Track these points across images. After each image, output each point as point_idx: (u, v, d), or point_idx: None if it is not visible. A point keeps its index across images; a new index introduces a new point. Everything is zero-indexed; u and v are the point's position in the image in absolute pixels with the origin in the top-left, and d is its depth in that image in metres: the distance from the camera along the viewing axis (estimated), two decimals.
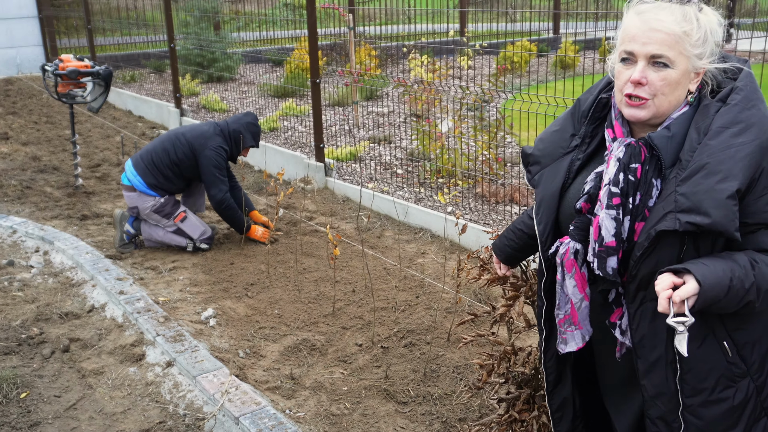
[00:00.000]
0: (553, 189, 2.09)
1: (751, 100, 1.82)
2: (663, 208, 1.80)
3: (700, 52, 1.85)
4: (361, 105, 9.73)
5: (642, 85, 1.85)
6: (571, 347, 2.12)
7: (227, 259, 5.11)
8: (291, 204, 6.21)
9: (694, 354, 1.87)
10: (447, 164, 6.42)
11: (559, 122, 2.15)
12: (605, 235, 1.90)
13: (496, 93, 6.77)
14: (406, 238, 5.41)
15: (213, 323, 4.17)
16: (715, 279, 1.73)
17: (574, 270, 2.03)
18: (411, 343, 3.91)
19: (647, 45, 1.83)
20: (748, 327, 1.89)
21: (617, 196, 1.88)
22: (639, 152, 1.88)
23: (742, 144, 1.75)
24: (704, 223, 1.71)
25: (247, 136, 5.35)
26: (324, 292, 4.55)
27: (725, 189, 1.71)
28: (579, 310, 2.06)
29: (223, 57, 11.99)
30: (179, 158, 5.11)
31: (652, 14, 1.84)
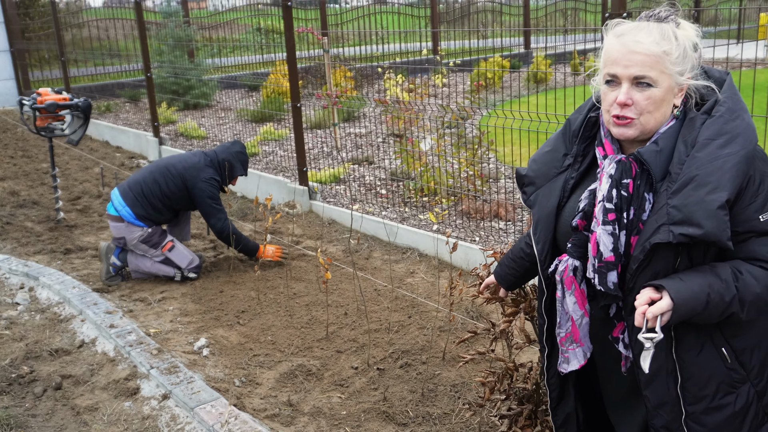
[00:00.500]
0: (550, 208, 2.12)
1: (735, 111, 1.87)
2: (656, 221, 1.83)
3: (681, 69, 1.90)
4: (340, 127, 9.76)
5: (628, 106, 1.90)
6: (573, 366, 2.14)
7: (216, 287, 5.08)
8: (277, 229, 6.20)
9: (694, 361, 1.91)
10: (430, 182, 6.46)
11: (550, 143, 2.19)
12: (604, 250, 1.93)
13: (474, 110, 6.83)
14: (395, 259, 5.42)
15: (206, 353, 4.14)
16: (689, 295, 1.79)
17: (574, 287, 2.05)
18: (407, 363, 3.91)
19: (629, 67, 1.87)
20: (746, 333, 1.93)
21: (612, 211, 1.91)
22: (630, 168, 1.92)
23: (729, 155, 1.80)
24: (697, 234, 1.75)
25: (237, 165, 5.38)
26: (316, 317, 4.54)
27: (715, 200, 1.76)
28: (580, 326, 2.09)
29: (199, 84, 11.99)
30: (171, 190, 5.10)
31: (631, 36, 1.89)
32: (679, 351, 1.92)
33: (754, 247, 1.85)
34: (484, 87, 9.83)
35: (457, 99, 10.74)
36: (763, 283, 1.83)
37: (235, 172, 5.37)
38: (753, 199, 1.83)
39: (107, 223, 6.58)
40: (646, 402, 1.98)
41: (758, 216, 1.82)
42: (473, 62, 13.57)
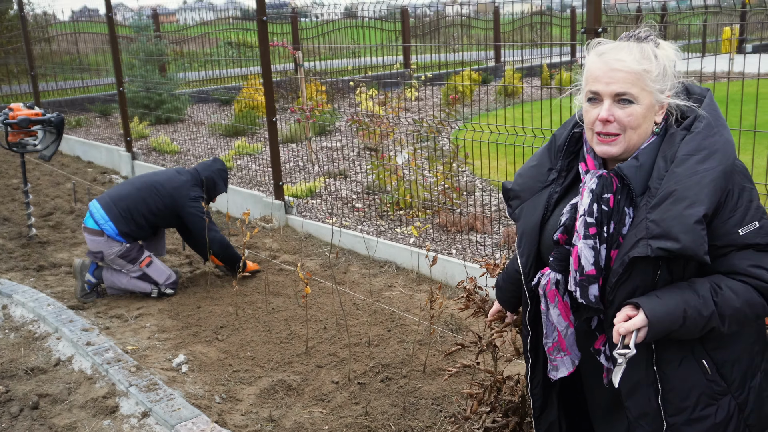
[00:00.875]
0: (534, 222, 2.16)
1: (713, 128, 1.92)
2: (635, 235, 1.88)
3: (661, 87, 1.96)
4: (314, 140, 9.77)
5: (610, 123, 1.94)
6: (563, 373, 2.17)
7: (194, 303, 5.05)
8: (253, 243, 6.19)
9: (674, 373, 1.95)
10: (405, 196, 6.50)
11: (536, 157, 2.23)
12: (585, 264, 1.96)
13: (448, 123, 6.89)
14: (373, 272, 5.44)
15: (185, 369, 4.11)
16: (664, 312, 1.83)
17: (557, 299, 2.09)
18: (387, 377, 3.92)
19: (611, 84, 1.92)
20: (727, 346, 1.97)
21: (593, 225, 1.95)
22: (611, 183, 1.97)
23: (707, 170, 1.84)
24: (674, 248, 1.80)
25: (220, 183, 5.44)
26: (295, 331, 4.54)
27: (693, 214, 1.80)
28: (566, 337, 2.13)
29: (171, 98, 11.94)
30: (158, 208, 5.10)
31: (612, 55, 1.94)
32: (660, 363, 1.96)
33: (734, 261, 1.89)
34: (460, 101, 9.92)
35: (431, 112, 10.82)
36: (742, 297, 1.87)
37: (218, 190, 5.42)
38: (732, 213, 1.87)
39: (80, 239, 6.51)
40: (628, 413, 2.02)
41: (737, 230, 1.87)
42: (445, 76, 13.69)
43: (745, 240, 1.88)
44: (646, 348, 1.95)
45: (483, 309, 2.87)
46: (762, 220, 1.90)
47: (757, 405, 2.00)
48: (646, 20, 2.09)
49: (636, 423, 2.00)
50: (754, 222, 1.88)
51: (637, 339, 1.86)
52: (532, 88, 9.82)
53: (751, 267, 1.88)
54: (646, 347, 1.95)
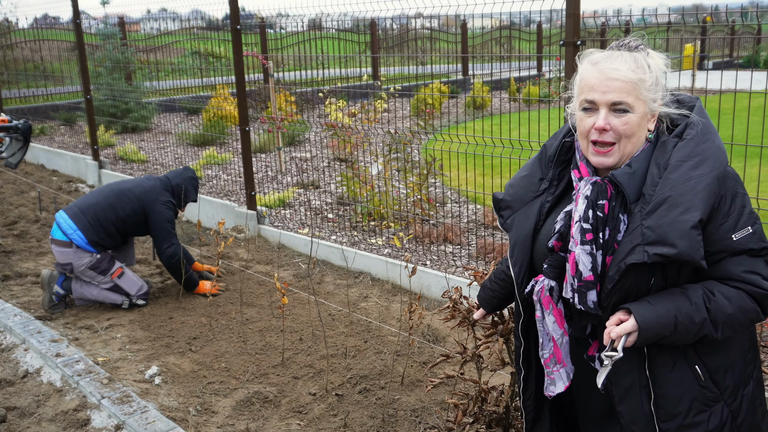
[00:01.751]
0: (526, 231, 2.16)
1: (705, 134, 1.94)
2: (631, 242, 1.88)
3: (654, 95, 1.98)
4: (284, 151, 9.72)
5: (606, 131, 1.95)
6: (559, 388, 2.16)
7: (165, 314, 4.96)
8: (225, 254, 6.10)
9: (667, 378, 1.95)
10: (378, 207, 6.48)
11: (527, 168, 2.23)
12: (583, 270, 1.96)
13: (420, 135, 6.90)
14: (347, 283, 5.40)
15: (158, 381, 4.02)
16: (655, 318, 1.85)
17: (552, 307, 2.09)
18: (365, 389, 3.89)
19: (607, 93, 1.94)
20: (720, 352, 1.98)
21: (589, 231, 1.95)
22: (605, 189, 1.98)
23: (701, 176, 1.86)
24: (671, 253, 1.80)
25: (191, 190, 5.35)
26: (270, 342, 4.48)
27: (688, 220, 1.81)
28: (561, 346, 2.12)
29: (138, 107, 11.78)
30: (127, 214, 4.98)
31: (607, 64, 1.96)
32: (652, 367, 1.96)
33: (728, 267, 1.90)
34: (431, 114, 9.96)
35: (399, 123, 10.84)
36: (735, 303, 1.88)
37: (188, 197, 5.33)
38: (725, 219, 1.89)
39: (46, 248, 6.36)
40: (620, 418, 2.01)
41: (731, 235, 1.89)
42: (413, 88, 13.74)
43: (739, 245, 1.89)
44: (639, 352, 1.96)
45: (468, 319, 2.85)
46: (755, 225, 1.91)
47: (749, 413, 2.00)
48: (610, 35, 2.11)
49: (628, 428, 2.00)
50: (747, 227, 1.90)
51: (627, 343, 1.87)
52: (500, 101, 9.90)
53: (745, 273, 1.89)
54: (639, 351, 1.96)
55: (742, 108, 4.36)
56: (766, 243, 1.92)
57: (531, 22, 20.31)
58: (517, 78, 15.72)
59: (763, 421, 2.08)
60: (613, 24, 9.54)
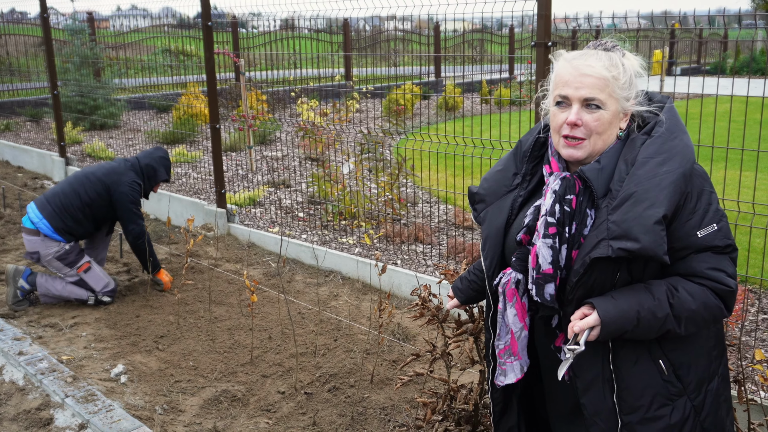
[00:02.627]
0: (498, 225, 2.17)
1: (673, 132, 1.96)
2: (596, 236, 1.90)
3: (627, 94, 2.00)
4: (255, 149, 9.66)
5: (577, 126, 1.97)
6: (510, 379, 2.18)
7: (132, 312, 4.89)
8: (194, 252, 6.04)
9: (630, 371, 1.97)
10: (349, 206, 6.46)
11: (502, 162, 2.25)
12: (542, 262, 1.98)
13: (392, 134, 6.90)
14: (318, 282, 5.37)
15: (124, 380, 3.96)
16: (617, 313, 1.87)
17: (515, 299, 2.10)
18: (335, 387, 3.86)
19: (580, 89, 1.96)
20: (685, 348, 1.99)
21: (553, 225, 1.97)
22: (573, 184, 2.00)
23: (667, 172, 1.88)
24: (634, 248, 1.82)
25: (161, 170, 5.24)
26: (239, 341, 4.43)
27: (652, 215, 1.83)
28: (519, 339, 2.13)
29: (106, 104, 11.62)
30: (91, 198, 4.89)
31: (582, 61, 1.98)
32: (616, 360, 1.98)
33: (693, 264, 1.92)
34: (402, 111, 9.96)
35: (371, 124, 10.83)
36: (699, 299, 1.90)
37: (158, 177, 5.22)
38: (690, 216, 1.91)
39: (10, 245, 6.24)
40: (584, 410, 2.02)
41: (696, 232, 1.90)
42: (385, 89, 13.74)
43: (704, 242, 1.91)
44: (603, 345, 1.97)
45: (437, 317, 2.85)
46: (720, 222, 1.93)
47: (713, 409, 2.02)
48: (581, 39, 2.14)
49: (591, 420, 2.01)
50: (712, 224, 1.91)
51: (590, 337, 1.90)
52: (472, 103, 9.93)
53: (709, 269, 1.91)
54: (603, 345, 1.97)
55: (708, 113, 4.42)
56: (731, 240, 1.94)
57: (503, 26, 20.45)
58: (489, 80, 15.81)
59: (728, 417, 2.10)
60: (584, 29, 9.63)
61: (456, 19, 5.68)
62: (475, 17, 5.11)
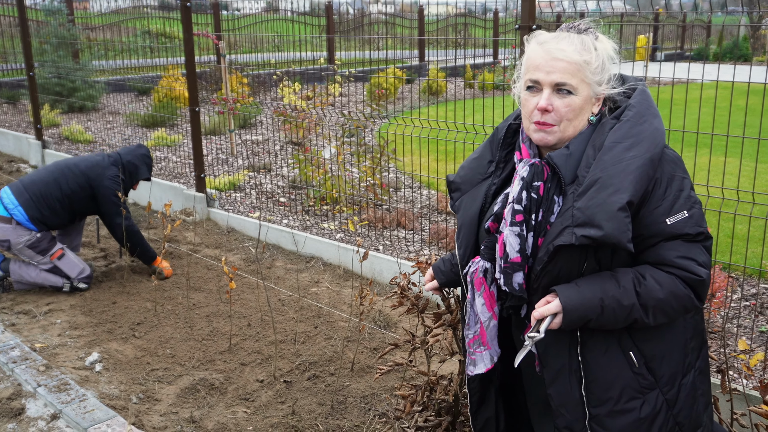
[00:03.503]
0: (472, 213, 2.12)
1: (643, 116, 1.90)
2: (561, 223, 1.85)
3: (600, 78, 1.94)
4: (236, 133, 9.53)
5: (548, 112, 1.91)
6: (480, 369, 2.14)
7: (108, 299, 4.79)
8: (173, 237, 5.94)
9: (598, 363, 1.91)
10: (331, 191, 6.38)
11: (479, 150, 2.21)
12: (510, 251, 1.93)
13: (374, 119, 6.82)
14: (298, 268, 5.30)
15: (99, 368, 3.87)
16: (580, 300, 1.82)
17: (483, 288, 2.06)
18: (314, 375, 3.80)
19: (551, 74, 1.90)
20: (657, 339, 1.93)
21: (520, 213, 1.92)
22: (542, 171, 1.94)
23: (633, 157, 1.82)
24: (597, 235, 1.76)
25: (142, 168, 5.15)
26: (218, 328, 4.36)
27: (616, 201, 1.77)
28: (488, 329, 2.09)
29: (85, 86, 11.42)
30: (72, 190, 4.78)
31: (553, 44, 1.92)
32: (584, 351, 1.93)
33: (662, 252, 1.86)
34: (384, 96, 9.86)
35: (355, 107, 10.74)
36: (667, 288, 1.84)
37: (139, 174, 5.13)
38: (659, 203, 1.84)
39: None
40: (551, 401, 1.98)
41: (665, 219, 1.84)
42: (369, 73, 13.63)
43: (673, 230, 1.84)
44: (571, 335, 1.93)
45: (417, 306, 2.79)
46: (692, 209, 1.86)
47: (688, 403, 1.96)
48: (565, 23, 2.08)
49: (558, 411, 1.97)
50: (683, 211, 1.85)
51: (553, 325, 1.85)
52: (455, 87, 9.86)
53: (678, 258, 1.84)
54: (571, 334, 1.93)
55: (693, 99, 4.38)
56: (702, 228, 1.87)
57: (488, 11, 20.35)
58: (473, 65, 15.72)
59: (706, 411, 2.04)
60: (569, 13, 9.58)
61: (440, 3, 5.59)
62: (459, 1, 5.03)
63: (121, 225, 4.90)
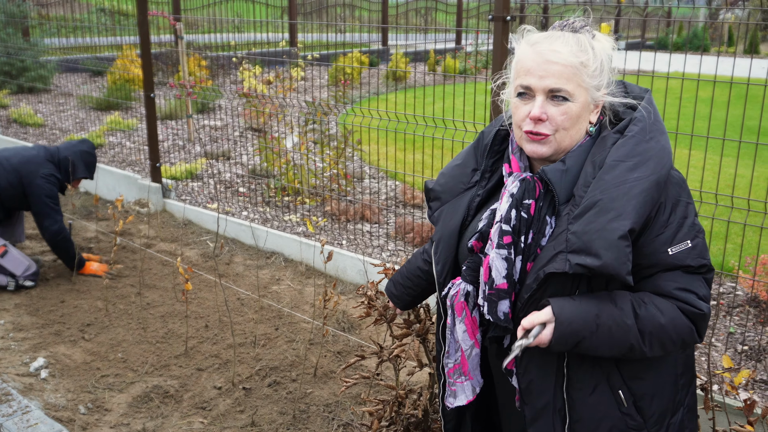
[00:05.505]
0: (453, 227, 1.93)
1: (649, 132, 1.71)
2: (554, 248, 1.67)
3: (598, 82, 1.76)
4: (195, 118, 9.23)
5: (542, 121, 1.72)
6: (461, 401, 1.97)
7: (57, 297, 4.54)
8: (126, 230, 5.67)
9: (585, 402, 1.76)
10: (293, 181, 6.17)
11: (461, 156, 2.00)
12: (496, 276, 1.75)
13: (337, 107, 6.62)
14: (258, 264, 5.09)
15: (45, 375, 3.64)
16: (574, 312, 1.65)
17: (465, 314, 1.88)
18: (275, 381, 3.63)
19: (545, 78, 1.71)
20: (648, 377, 1.78)
21: (509, 234, 1.74)
22: (533, 187, 1.76)
23: (638, 179, 1.64)
24: (594, 265, 1.59)
25: (80, 166, 4.79)
26: (173, 329, 4.14)
27: (617, 228, 1.59)
28: (469, 358, 1.92)
29: (35, 65, 10.96)
30: (2, 187, 4.49)
31: (546, 45, 1.72)
32: (570, 389, 1.76)
33: (660, 283, 1.69)
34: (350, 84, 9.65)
35: (317, 93, 10.50)
36: (668, 315, 1.67)
37: (76, 173, 4.78)
38: (662, 230, 1.68)
39: None
40: None
41: (667, 249, 1.67)
42: (331, 56, 13.38)
43: (674, 260, 1.68)
44: (557, 371, 1.76)
45: (385, 316, 2.63)
46: (696, 239, 1.69)
47: None
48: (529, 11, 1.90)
49: None
50: (686, 241, 1.68)
51: (542, 337, 1.66)
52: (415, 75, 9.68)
53: (677, 290, 1.68)
54: (558, 369, 1.76)
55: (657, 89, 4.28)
56: (705, 260, 1.70)
57: None
58: (437, 50, 15.56)
59: None
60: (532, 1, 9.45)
61: None
62: None
63: (50, 228, 4.59)
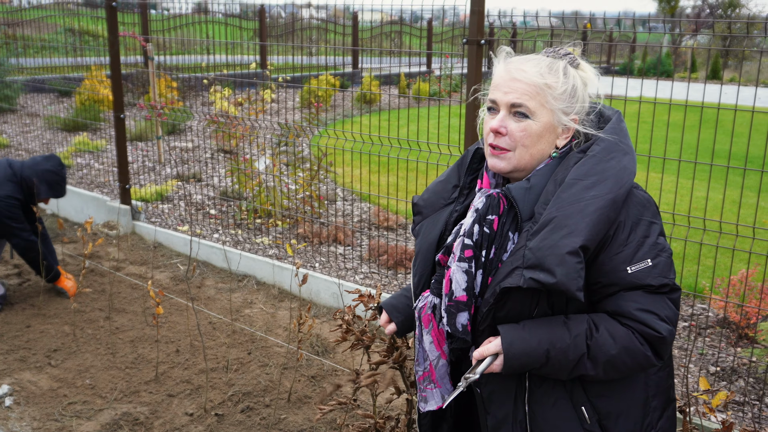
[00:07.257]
0: (430, 241, 1.95)
1: (610, 152, 1.73)
2: (512, 263, 1.69)
3: (566, 106, 1.77)
4: (165, 140, 9.15)
5: (501, 135, 1.76)
6: (431, 406, 1.98)
7: (22, 321, 4.42)
8: (95, 253, 5.57)
9: (545, 415, 1.76)
10: (265, 203, 6.12)
11: (446, 173, 2.04)
12: (456, 289, 1.78)
13: (310, 128, 6.61)
14: (230, 287, 5.02)
15: (9, 402, 3.54)
16: (523, 348, 1.67)
17: (432, 325, 1.90)
18: (248, 407, 3.56)
19: (508, 94, 1.75)
20: (614, 396, 1.77)
21: (470, 248, 1.77)
22: (498, 204, 1.78)
23: (594, 198, 1.65)
24: (547, 281, 1.60)
25: (42, 187, 4.58)
26: (143, 354, 4.06)
27: (567, 245, 1.61)
28: (437, 368, 1.93)
29: (0, 85, 10.79)
30: None
31: (516, 64, 1.78)
32: (531, 401, 1.77)
33: (621, 302, 1.69)
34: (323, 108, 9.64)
35: (289, 115, 10.47)
36: (620, 343, 1.67)
37: (39, 194, 4.58)
38: (621, 249, 1.68)
39: None
40: None
41: (626, 267, 1.67)
42: (303, 79, 13.38)
43: (634, 279, 1.67)
44: (518, 382, 1.77)
45: (362, 341, 2.59)
46: (657, 258, 1.69)
47: None
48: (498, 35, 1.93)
49: None
50: (646, 260, 1.68)
51: (492, 367, 1.70)
52: (390, 97, 9.72)
53: (638, 311, 1.67)
54: (519, 381, 1.77)
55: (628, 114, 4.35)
56: (668, 279, 1.69)
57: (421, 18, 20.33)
58: (408, 74, 15.65)
59: None
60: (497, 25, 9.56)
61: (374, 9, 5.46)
62: (394, 8, 4.89)
63: (19, 245, 4.48)
